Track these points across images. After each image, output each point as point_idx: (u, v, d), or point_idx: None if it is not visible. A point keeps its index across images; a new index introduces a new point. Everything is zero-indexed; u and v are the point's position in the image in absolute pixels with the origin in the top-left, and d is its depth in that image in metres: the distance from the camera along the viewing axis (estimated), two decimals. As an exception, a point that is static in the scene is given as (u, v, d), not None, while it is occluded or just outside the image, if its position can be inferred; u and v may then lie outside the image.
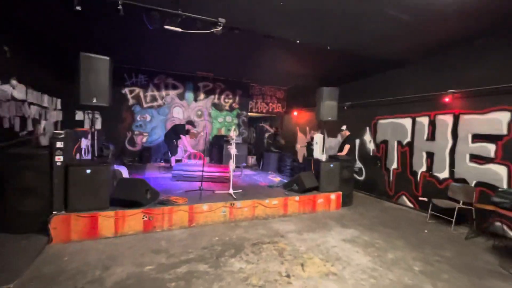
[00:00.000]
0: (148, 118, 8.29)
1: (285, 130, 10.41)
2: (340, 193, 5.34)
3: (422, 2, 3.38)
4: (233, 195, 4.67)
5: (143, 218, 3.73)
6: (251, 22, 4.26)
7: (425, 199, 5.20)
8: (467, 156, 4.63)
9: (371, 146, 6.67)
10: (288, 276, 2.78)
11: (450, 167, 4.89)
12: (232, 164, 4.99)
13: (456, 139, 4.81)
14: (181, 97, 8.68)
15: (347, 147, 5.89)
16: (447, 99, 4.88)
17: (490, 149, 4.32)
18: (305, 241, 3.71)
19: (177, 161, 7.03)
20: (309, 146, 7.20)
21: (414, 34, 4.40)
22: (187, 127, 7.17)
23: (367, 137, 6.78)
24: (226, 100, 9.35)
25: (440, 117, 5.10)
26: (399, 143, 5.91)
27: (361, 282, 2.72)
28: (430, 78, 5.29)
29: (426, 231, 4.28)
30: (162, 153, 8.20)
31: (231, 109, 9.47)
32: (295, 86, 9.62)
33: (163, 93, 8.44)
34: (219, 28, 4.08)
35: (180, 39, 4.92)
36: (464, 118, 4.71)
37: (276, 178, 6.83)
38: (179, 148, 7.34)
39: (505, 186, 4.04)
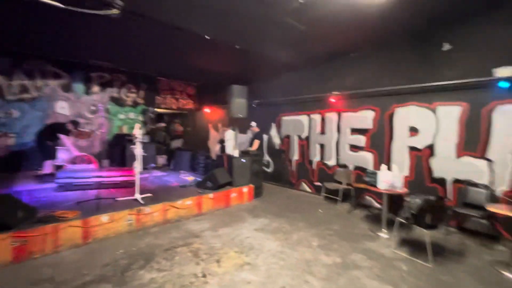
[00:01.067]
0: (16, 114, 6.41)
1: (198, 127, 10.18)
2: (252, 186, 5.67)
3: (315, 15, 3.93)
4: (141, 200, 4.23)
5: (12, 244, 2.89)
6: (156, 10, 3.89)
7: (319, 183, 6.17)
8: (347, 146, 5.76)
9: (276, 140, 7.35)
10: (204, 275, 2.75)
11: (336, 156, 5.97)
12: (137, 166, 4.49)
13: (340, 133, 5.90)
14: (66, 88, 7.11)
15: (256, 142, 6.29)
16: (333, 100, 5.89)
17: (361, 139, 5.51)
18: (220, 237, 3.75)
19: (58, 167, 5.76)
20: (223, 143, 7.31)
21: (308, 43, 5.08)
22: (68, 126, 5.95)
23: (273, 132, 7.43)
24: (128, 94, 8.30)
25: (328, 115, 6.12)
26: (299, 137, 6.77)
27: (272, 266, 2.98)
28: (321, 82, 6.25)
29: (320, 211, 5.09)
30: (40, 159, 6.55)
31: (135, 104, 8.47)
32: (206, 82, 9.49)
33: (39, 82, 6.70)
34: (116, 11, 3.54)
35: (66, 17, 3.95)
36: (345, 115, 5.81)
37: (189, 177, 6.60)
38: (62, 150, 6.04)
39: (371, 168, 5.26)
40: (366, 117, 5.43)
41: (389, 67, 5.09)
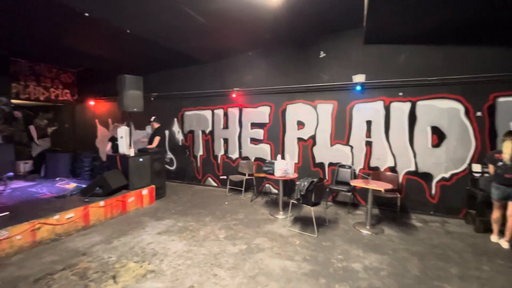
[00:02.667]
0: None
1: (80, 123, 8.43)
2: (153, 186, 5.22)
3: (213, 8, 3.90)
4: (-10, 222, 3.15)
5: None
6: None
7: (225, 177, 6.34)
8: (249, 139, 6.14)
9: (179, 136, 7.02)
10: (95, 298, 2.34)
11: (239, 149, 6.27)
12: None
13: (241, 127, 6.22)
14: None
15: (157, 139, 5.79)
16: (234, 95, 6.12)
17: (260, 133, 6.00)
18: (115, 249, 3.28)
19: None
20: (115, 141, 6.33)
21: (210, 37, 5.04)
22: None
23: (176, 128, 7.05)
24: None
25: (230, 110, 6.33)
26: (203, 132, 6.70)
27: (179, 267, 2.85)
28: (223, 77, 6.36)
29: (226, 203, 5.26)
30: None
31: (-27, 92, 6.15)
32: (90, 69, 7.90)
33: None
34: None
35: None
36: (245, 110, 6.15)
37: (70, 185, 5.41)
38: None
39: (269, 158, 5.82)
40: (263, 113, 5.94)
41: (282, 68, 5.72)
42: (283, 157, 5.30)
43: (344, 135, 5.20)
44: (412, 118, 4.69)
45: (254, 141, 6.08)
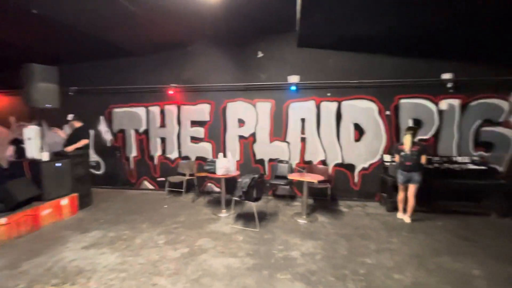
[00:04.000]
0: None
1: (-35, 121, 6.67)
2: (75, 195, 4.53)
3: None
4: None
5: None
6: None
7: (163, 178, 5.96)
8: (188, 138, 5.91)
9: (108, 136, 6.27)
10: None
11: (178, 148, 5.97)
12: None
13: (180, 125, 5.93)
14: None
15: (83, 141, 4.99)
16: (171, 92, 5.78)
17: (201, 131, 5.84)
18: (25, 273, 2.73)
19: None
20: (20, 144, 5.24)
21: (142, 28, 4.61)
22: None
23: (103, 127, 6.26)
24: None
25: (168, 107, 5.96)
26: (136, 131, 6.14)
27: (111, 283, 2.56)
28: (158, 72, 5.91)
29: (165, 206, 4.96)
30: None
31: None
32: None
33: None
34: None
35: None
36: (184, 108, 5.89)
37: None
38: None
39: (211, 157, 5.73)
40: (203, 110, 5.80)
41: (222, 66, 5.67)
42: (225, 155, 5.29)
43: (281, 132, 5.50)
44: (339, 116, 5.29)
45: (195, 139, 5.89)
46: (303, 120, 5.42)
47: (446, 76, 4.82)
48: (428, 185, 4.24)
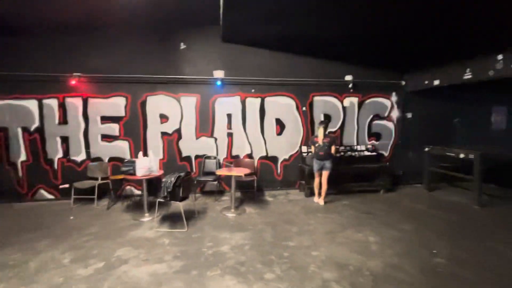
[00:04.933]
0: None
1: None
2: None
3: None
4: None
5: None
6: None
7: (67, 185, 5.00)
8: (99, 136, 5.13)
9: (-20, 136, 4.83)
10: None
11: (86, 149, 5.11)
12: None
13: (88, 122, 5.08)
14: None
15: None
16: (73, 82, 4.87)
17: (115, 128, 5.16)
18: None
19: None
20: None
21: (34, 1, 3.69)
22: None
23: (-29, 124, 4.79)
24: None
25: (70, 100, 5.00)
26: (25, 129, 4.93)
27: (-8, 323, 2.01)
28: (58, 57, 4.86)
29: (72, 217, 4.20)
30: None
31: None
32: None
33: None
34: None
35: None
36: (93, 101, 5.06)
37: None
38: None
39: (129, 157, 5.14)
40: (118, 104, 5.13)
41: (141, 55, 5.11)
42: (145, 154, 4.83)
43: (208, 128, 5.41)
44: (262, 112, 5.56)
45: (107, 138, 5.16)
46: (229, 115, 5.46)
47: (348, 77, 5.70)
48: (336, 171, 4.95)
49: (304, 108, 5.68)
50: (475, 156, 4.60)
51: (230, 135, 5.49)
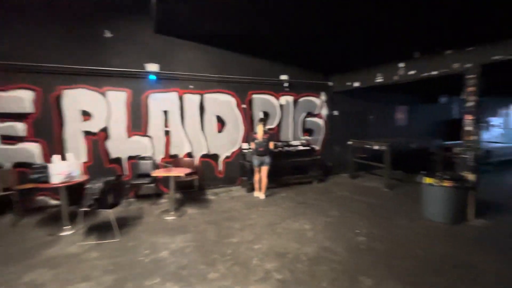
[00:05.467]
0: None
1: None
2: None
3: None
4: None
5: None
6: None
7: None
8: (-3, 138, 4.16)
9: None
10: None
11: (-23, 154, 4.08)
12: None
13: (-22, 120, 4.06)
14: None
15: None
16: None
17: (19, 128, 4.26)
18: None
19: None
20: None
21: None
22: None
23: None
24: None
25: None
26: None
27: None
28: None
29: (-42, 241, 3.31)
30: None
31: None
32: None
33: None
34: None
35: None
36: (-17, 94, 4.06)
37: None
38: None
39: (39, 161, 4.32)
40: (22, 99, 4.24)
41: (54, 41, 4.31)
42: (63, 158, 4.12)
43: (141, 126, 4.97)
44: (202, 109, 5.41)
45: (9, 139, 4.22)
46: (166, 112, 5.13)
47: (283, 77, 6.03)
48: (275, 165, 5.20)
49: (244, 106, 5.77)
50: (385, 147, 5.48)
51: (167, 133, 5.17)
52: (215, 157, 5.62)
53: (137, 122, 4.93)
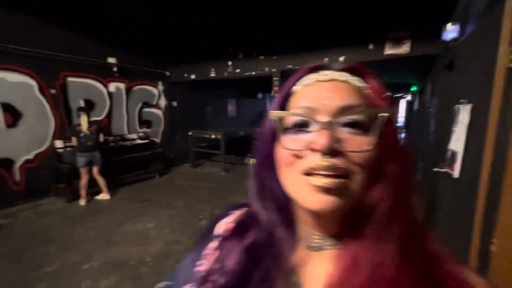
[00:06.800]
0: None
1: None
2: None
3: None
4: None
5: None
6: None
7: None
8: None
9: None
10: None
11: None
12: None
13: None
14: None
15: None
16: None
17: None
18: None
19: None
20: None
21: None
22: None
23: None
24: None
25: None
26: None
27: None
28: None
29: None
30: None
31: None
32: None
33: None
34: None
35: None
36: None
37: None
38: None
39: None
40: None
41: None
42: None
43: None
44: (-31, 92, 3.56)
45: None
46: None
47: (111, 60, 5.13)
48: (106, 163, 4.43)
49: (53, 91, 4.38)
50: (220, 136, 6.15)
51: None
52: (5, 162, 3.93)
53: None
